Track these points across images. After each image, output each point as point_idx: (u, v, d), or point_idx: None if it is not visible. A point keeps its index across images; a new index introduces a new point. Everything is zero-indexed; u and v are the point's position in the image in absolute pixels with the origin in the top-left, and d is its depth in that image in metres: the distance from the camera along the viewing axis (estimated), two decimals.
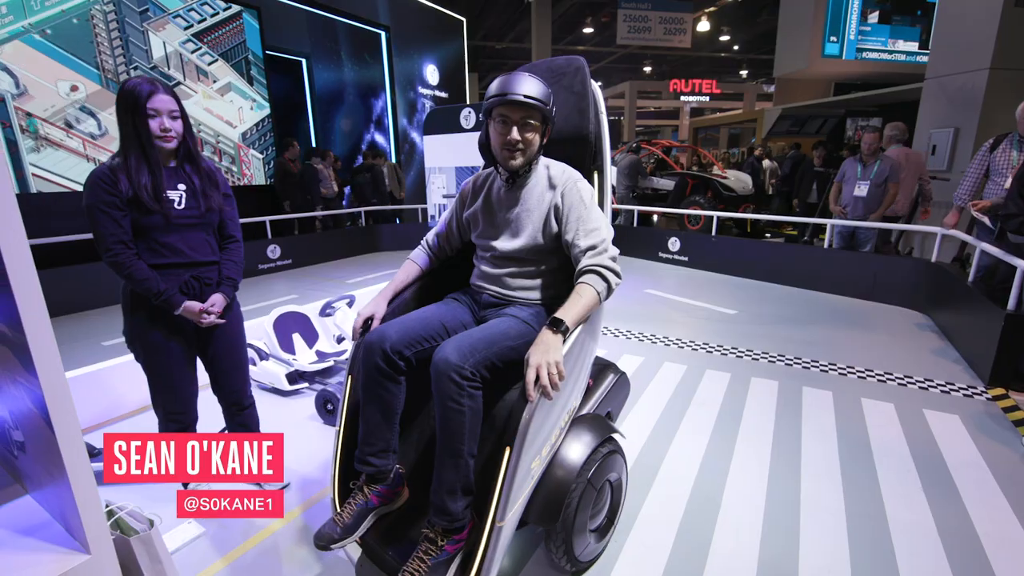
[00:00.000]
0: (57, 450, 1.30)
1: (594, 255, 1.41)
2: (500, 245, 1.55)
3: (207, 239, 1.80)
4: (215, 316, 1.75)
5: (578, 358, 1.47)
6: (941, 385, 3.13)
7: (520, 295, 1.56)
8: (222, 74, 6.73)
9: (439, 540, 1.31)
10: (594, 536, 1.69)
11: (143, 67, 5.90)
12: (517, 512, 1.35)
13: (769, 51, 13.16)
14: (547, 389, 1.21)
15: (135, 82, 1.63)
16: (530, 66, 1.69)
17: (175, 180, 1.73)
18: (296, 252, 7.24)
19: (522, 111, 1.40)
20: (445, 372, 1.27)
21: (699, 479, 2.21)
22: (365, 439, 1.42)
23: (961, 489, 2.14)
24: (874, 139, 4.92)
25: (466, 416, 1.29)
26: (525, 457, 1.27)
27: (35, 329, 1.22)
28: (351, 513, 1.40)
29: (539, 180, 1.52)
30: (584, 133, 1.62)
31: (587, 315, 1.37)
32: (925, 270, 4.67)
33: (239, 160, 7.10)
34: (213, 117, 6.71)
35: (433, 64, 10.42)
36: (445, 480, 1.30)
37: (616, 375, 2.04)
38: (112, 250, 1.61)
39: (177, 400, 1.79)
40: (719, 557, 1.77)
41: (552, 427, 1.42)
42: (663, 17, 15.18)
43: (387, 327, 1.43)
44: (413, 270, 1.71)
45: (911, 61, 11.98)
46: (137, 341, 1.72)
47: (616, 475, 1.72)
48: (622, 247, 7.98)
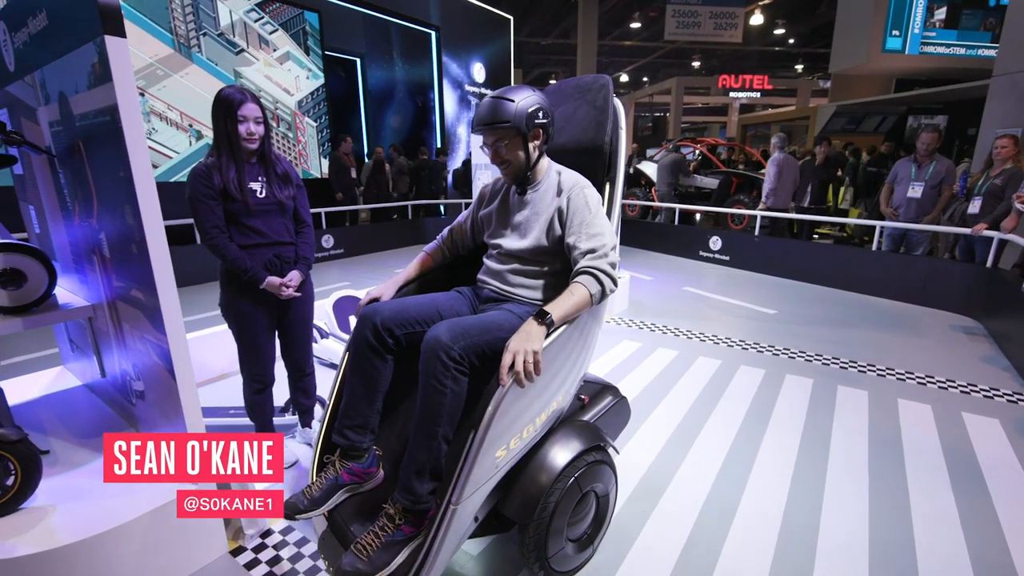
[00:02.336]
0: (176, 395, 1.59)
1: (593, 258, 1.43)
2: (507, 244, 1.62)
3: (284, 223, 2.07)
4: (292, 290, 2.03)
5: (561, 356, 1.46)
6: (984, 390, 3.09)
7: (520, 292, 1.60)
8: (281, 43, 7.13)
9: (397, 519, 1.32)
10: (573, 546, 1.66)
11: (211, 33, 6.33)
12: (476, 501, 1.34)
13: (827, 44, 12.65)
14: (520, 376, 1.24)
15: (229, 91, 1.91)
16: (560, 83, 1.85)
17: (255, 174, 2.00)
18: (348, 242, 7.65)
19: (493, 134, 1.50)
20: (434, 350, 1.29)
21: (725, 465, 2.33)
22: (345, 411, 1.46)
23: (991, 487, 2.17)
24: (933, 139, 4.77)
25: (447, 398, 1.30)
26: (489, 442, 1.27)
27: (166, 295, 1.50)
28: (320, 487, 1.41)
29: (549, 186, 1.58)
30: (599, 144, 1.69)
31: (576, 314, 1.40)
32: (979, 275, 4.52)
33: (295, 127, 7.48)
34: (272, 84, 7.11)
35: (480, 62, 10.66)
36: (415, 459, 1.32)
37: (615, 398, 1.97)
38: (210, 234, 1.90)
39: (259, 362, 2.09)
40: (742, 523, 1.90)
41: (523, 419, 1.40)
42: (713, 12, 14.87)
43: (383, 304, 1.50)
44: (426, 262, 1.80)
45: (981, 56, 11.26)
46: (230, 310, 2.02)
47: (603, 487, 1.70)
48: (662, 245, 8.00)
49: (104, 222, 1.63)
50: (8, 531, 1.47)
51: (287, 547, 1.82)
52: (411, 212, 8.71)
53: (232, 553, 1.78)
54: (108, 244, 1.66)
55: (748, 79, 21.38)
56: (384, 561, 1.29)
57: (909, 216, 5.03)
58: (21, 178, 2.27)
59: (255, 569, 1.72)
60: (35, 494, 1.58)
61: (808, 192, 6.80)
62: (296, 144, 7.56)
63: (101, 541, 1.48)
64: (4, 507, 1.52)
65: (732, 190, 8.73)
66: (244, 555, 1.78)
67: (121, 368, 1.93)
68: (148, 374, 1.70)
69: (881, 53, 11.23)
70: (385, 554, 1.30)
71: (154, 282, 1.45)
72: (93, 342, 2.07)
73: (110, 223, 1.59)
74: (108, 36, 1.28)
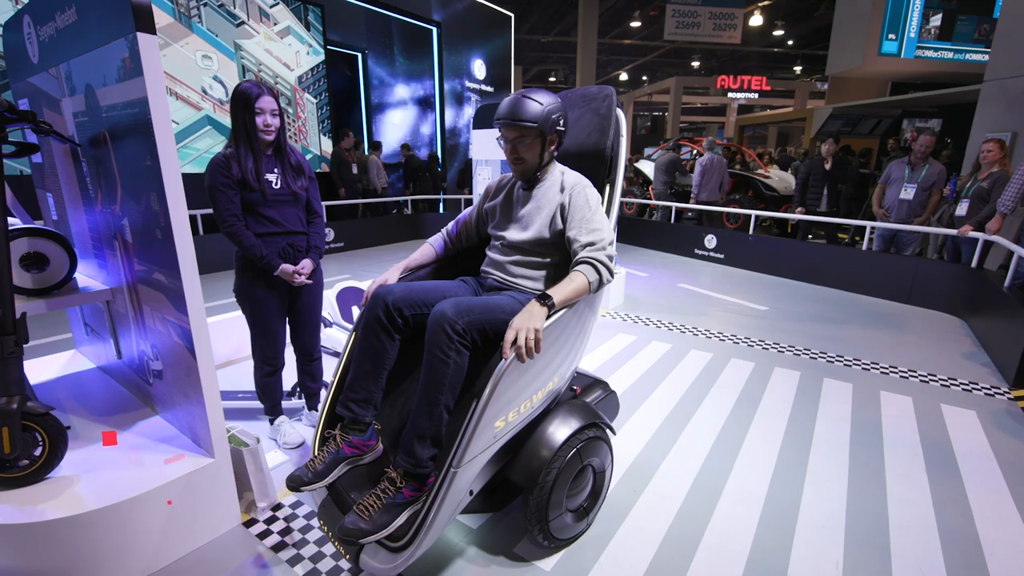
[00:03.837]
0: (196, 373, 1.68)
1: (592, 250, 1.52)
2: (510, 235, 1.71)
3: (298, 213, 2.16)
4: (304, 277, 2.12)
5: (560, 340, 1.56)
6: (964, 384, 3.22)
7: (521, 282, 1.69)
8: (282, 17, 7.11)
9: (399, 481, 1.40)
10: (572, 516, 1.77)
11: (211, 3, 6.29)
12: (474, 468, 1.43)
13: (826, 47, 12.77)
14: (521, 351, 1.33)
15: (247, 85, 2.00)
16: (568, 92, 1.94)
17: (271, 165, 2.09)
18: (348, 236, 7.73)
19: (516, 131, 1.58)
20: (440, 323, 1.38)
21: (713, 449, 2.44)
22: (351, 385, 1.53)
23: (963, 472, 2.29)
24: (930, 142, 4.87)
25: (450, 368, 1.38)
26: (491, 412, 1.37)
27: (189, 277, 1.59)
28: (323, 460, 1.49)
29: (553, 183, 1.67)
30: (602, 148, 1.82)
31: (575, 299, 1.50)
32: (965, 275, 4.65)
33: (295, 103, 7.48)
34: (272, 58, 7.07)
35: (481, 59, 10.73)
36: (418, 424, 1.40)
37: (605, 392, 2.09)
38: (228, 221, 1.99)
39: (270, 346, 2.18)
40: (727, 501, 2.01)
41: (523, 395, 1.50)
42: (713, 12, 14.95)
43: (394, 286, 1.60)
44: (429, 252, 1.89)
45: (977, 61, 11.41)
46: (244, 295, 2.11)
47: (599, 462, 1.81)
48: (658, 243, 8.10)
49: (128, 208, 1.71)
50: (37, 497, 1.57)
51: (296, 519, 1.92)
52: (411, 207, 8.78)
53: (245, 524, 1.88)
54: (131, 229, 1.75)
55: (747, 80, 21.52)
56: (385, 521, 1.37)
57: (900, 217, 5.15)
58: (40, 166, 2.35)
59: (267, 539, 1.82)
60: (59, 465, 1.67)
61: (823, 197, 6.51)
62: (296, 120, 7.54)
63: (124, 507, 1.57)
64: (32, 476, 1.62)
65: (728, 189, 8.84)
66: (256, 526, 1.88)
67: (139, 349, 2.02)
68: (168, 354, 1.79)
69: (877, 56, 11.35)
70: (386, 515, 1.37)
71: (178, 265, 1.54)
72: (110, 325, 2.16)
73: (134, 209, 1.68)
74: (140, 33, 1.36)
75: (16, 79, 2.25)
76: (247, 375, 2.47)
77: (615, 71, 26.43)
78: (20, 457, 1.58)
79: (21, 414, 1.55)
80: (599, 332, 4.07)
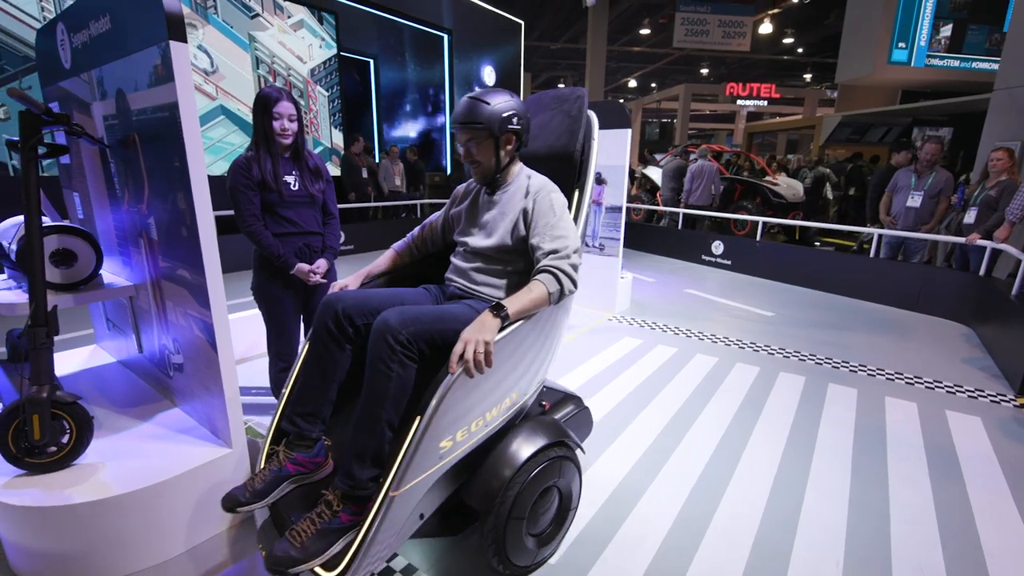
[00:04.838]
0: (217, 367, 1.76)
1: (555, 258, 1.44)
2: (473, 242, 1.64)
3: (314, 214, 2.24)
4: (319, 276, 2.19)
5: (518, 353, 1.45)
6: (970, 391, 3.23)
7: (483, 290, 1.61)
8: (296, 10, 7.24)
9: (335, 504, 1.28)
10: (533, 541, 1.64)
11: None
12: (417, 493, 1.30)
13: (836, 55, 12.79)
14: (469, 365, 1.24)
15: (267, 90, 2.08)
16: (541, 94, 1.95)
17: (289, 167, 2.17)
18: (358, 239, 7.84)
19: (467, 133, 1.54)
20: (382, 333, 1.29)
21: (717, 451, 2.47)
22: (298, 398, 1.44)
23: (966, 476, 2.31)
24: (936, 151, 4.90)
25: (392, 382, 1.28)
26: (434, 430, 1.26)
27: (212, 274, 1.67)
28: (263, 479, 1.40)
29: (518, 188, 1.61)
30: (570, 151, 1.75)
31: (532, 310, 1.41)
32: (973, 283, 4.65)
33: (307, 95, 7.57)
34: (285, 51, 7.19)
35: (490, 65, 10.86)
36: (358, 443, 1.29)
37: (577, 408, 1.97)
38: (247, 221, 2.07)
39: (286, 343, 2.25)
40: (729, 502, 2.05)
41: (473, 412, 1.39)
42: (722, 20, 15.03)
43: (346, 293, 1.51)
44: (395, 258, 1.84)
45: (986, 69, 11.38)
46: (261, 293, 2.19)
47: (566, 484, 1.70)
48: (666, 249, 8.13)
49: (155, 207, 1.79)
50: (65, 483, 1.64)
51: None
52: (420, 211, 8.88)
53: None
54: (156, 227, 1.82)
55: (756, 87, 21.53)
56: (318, 549, 1.24)
57: (907, 225, 5.16)
58: (67, 167, 2.44)
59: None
60: (85, 452, 1.75)
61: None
62: (308, 112, 7.62)
63: (147, 493, 1.64)
64: (60, 462, 1.69)
65: (736, 196, 8.87)
66: None
67: (160, 343, 2.10)
68: (189, 347, 1.86)
69: (887, 65, 11.36)
70: (320, 542, 1.24)
71: (202, 262, 1.62)
72: (133, 320, 2.24)
73: (160, 208, 1.75)
74: (173, 41, 1.44)
75: (47, 83, 2.35)
76: (260, 372, 2.54)
77: (624, 78, 26.55)
78: (49, 444, 1.66)
79: (51, 403, 1.63)
80: (605, 335, 4.11)
